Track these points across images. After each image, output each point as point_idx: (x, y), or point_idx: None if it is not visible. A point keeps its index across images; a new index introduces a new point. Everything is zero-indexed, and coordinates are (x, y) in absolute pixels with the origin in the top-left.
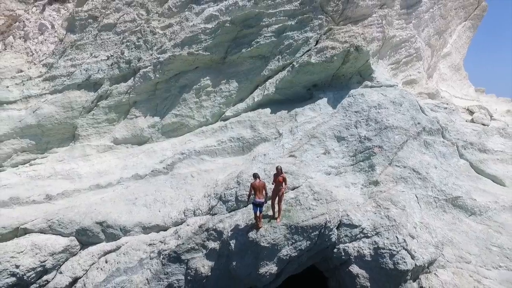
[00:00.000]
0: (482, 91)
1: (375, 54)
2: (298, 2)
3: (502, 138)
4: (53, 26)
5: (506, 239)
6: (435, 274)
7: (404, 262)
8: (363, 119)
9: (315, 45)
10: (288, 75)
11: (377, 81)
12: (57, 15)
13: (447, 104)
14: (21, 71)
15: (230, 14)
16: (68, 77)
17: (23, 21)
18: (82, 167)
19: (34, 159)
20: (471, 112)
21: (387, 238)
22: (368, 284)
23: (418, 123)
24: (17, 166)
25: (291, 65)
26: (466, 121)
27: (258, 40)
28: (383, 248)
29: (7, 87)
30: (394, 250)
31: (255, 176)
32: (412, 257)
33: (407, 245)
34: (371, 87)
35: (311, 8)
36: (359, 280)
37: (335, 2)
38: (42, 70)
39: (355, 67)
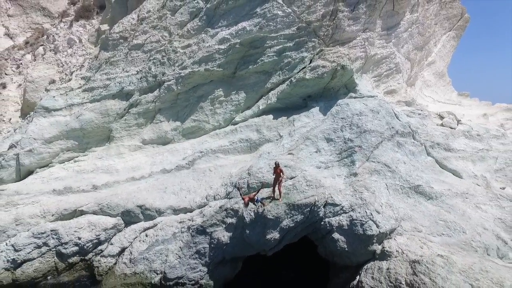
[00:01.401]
0: (467, 95)
1: (359, 70)
2: (296, 27)
3: (466, 139)
4: (80, 40)
5: (451, 216)
6: (394, 239)
7: (371, 229)
8: (347, 124)
9: (309, 63)
10: (287, 88)
11: (360, 93)
12: (83, 30)
13: (421, 110)
14: (54, 81)
15: (239, 37)
16: (104, 89)
17: (53, 35)
18: (118, 163)
19: (77, 157)
20: (442, 117)
21: (359, 213)
22: (346, 246)
23: (392, 127)
24: (64, 162)
25: (289, 80)
26: (437, 125)
27: (262, 58)
28: (356, 220)
29: (54, 97)
30: (363, 221)
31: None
32: (377, 226)
33: (373, 217)
34: (355, 97)
35: (306, 33)
36: (339, 243)
37: (326, 28)
38: (81, 82)
39: (342, 81)
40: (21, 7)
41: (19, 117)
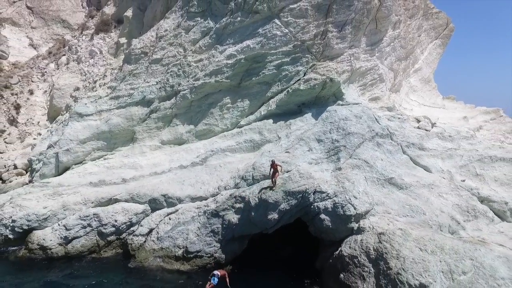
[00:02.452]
0: (452, 99)
1: (346, 81)
2: (292, 45)
3: (438, 140)
4: (101, 52)
5: (416, 202)
6: (368, 218)
7: (349, 211)
8: (335, 127)
9: (303, 76)
10: (285, 97)
11: (346, 101)
12: (103, 43)
13: (400, 115)
14: (78, 88)
15: (244, 53)
16: (129, 97)
17: (75, 47)
18: (142, 160)
19: (106, 155)
20: (418, 121)
21: (340, 198)
22: (330, 224)
23: (373, 130)
24: (95, 160)
25: (286, 90)
26: (414, 127)
27: (263, 71)
28: (338, 204)
29: (85, 104)
30: (344, 204)
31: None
32: (354, 208)
33: (351, 201)
34: (342, 105)
35: (301, 50)
36: (325, 222)
37: (317, 45)
38: (108, 91)
39: (331, 91)
40: (43, 19)
41: (46, 120)
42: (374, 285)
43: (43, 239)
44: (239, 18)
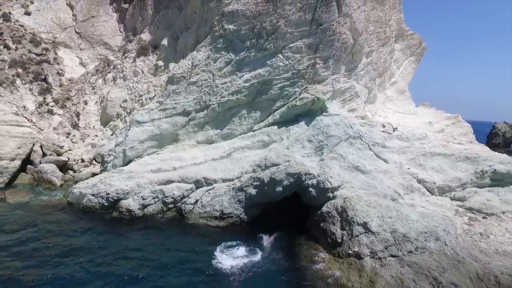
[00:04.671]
0: (427, 106)
1: (329, 98)
2: (291, 73)
3: (397, 140)
4: (142, 72)
5: (373, 182)
6: (339, 190)
7: (327, 185)
8: (320, 132)
9: (299, 95)
10: (286, 110)
11: (329, 113)
12: (144, 64)
13: (370, 122)
14: (126, 100)
15: (256, 79)
16: (173, 109)
17: (120, 66)
18: (184, 155)
19: (158, 151)
20: (383, 126)
21: (322, 178)
22: (315, 195)
23: (347, 133)
24: (150, 154)
25: (287, 105)
26: (380, 131)
27: (270, 91)
28: (320, 181)
29: (142, 114)
30: (324, 182)
31: None
32: (331, 184)
33: (329, 180)
34: (326, 115)
35: (297, 76)
36: (312, 193)
37: (309, 73)
38: (157, 105)
39: (318, 106)
40: (89, 42)
41: (100, 125)
42: (339, 226)
43: (129, 205)
44: (253, 53)
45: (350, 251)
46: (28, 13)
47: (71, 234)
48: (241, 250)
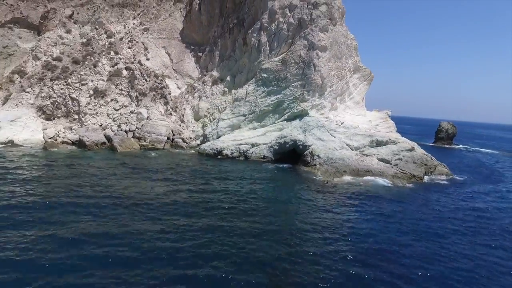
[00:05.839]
0: (377, 111)
1: (310, 109)
2: (292, 97)
3: (343, 128)
4: (216, 93)
5: (326, 144)
6: (311, 146)
7: (306, 144)
8: (305, 124)
9: (296, 108)
10: (290, 114)
11: (310, 116)
12: (216, 89)
13: (331, 120)
14: (208, 108)
15: (277, 99)
16: (238, 113)
17: (203, 89)
18: (244, 134)
19: (233, 132)
20: (336, 122)
21: (304, 142)
22: (301, 148)
23: (317, 124)
24: (227, 134)
25: (290, 112)
26: (335, 124)
27: (283, 105)
28: (303, 143)
29: (224, 115)
30: (304, 143)
31: None
32: (308, 144)
33: (307, 142)
34: (308, 117)
35: (295, 98)
36: (300, 148)
37: (301, 98)
38: (229, 111)
39: (305, 113)
40: (180, 75)
41: (194, 121)
42: (310, 157)
43: (225, 153)
44: (275, 88)
45: (313, 164)
46: (148, 59)
47: (204, 162)
48: (273, 166)
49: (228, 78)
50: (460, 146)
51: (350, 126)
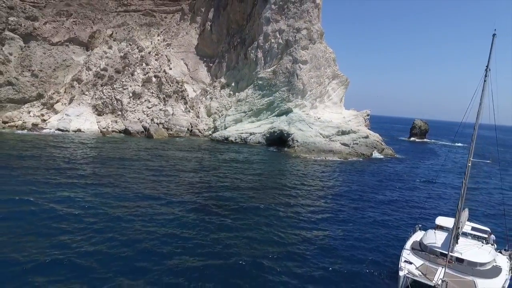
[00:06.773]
0: (354, 110)
1: (294, 107)
2: (281, 99)
3: (319, 122)
4: (224, 96)
5: (304, 133)
6: (293, 135)
7: (289, 133)
8: (290, 118)
9: (284, 106)
10: (279, 111)
11: (294, 113)
12: (224, 92)
13: (311, 116)
14: (218, 107)
15: (269, 101)
16: (240, 111)
17: (213, 93)
18: (245, 126)
19: (236, 125)
20: (316, 117)
21: (288, 131)
22: (286, 136)
23: (299, 119)
24: (233, 126)
25: (279, 110)
26: (314, 119)
27: (274, 105)
28: (288, 132)
29: (230, 112)
30: (288, 132)
31: None
32: (291, 133)
33: (290, 132)
34: (292, 113)
35: (283, 100)
36: (284, 136)
37: (287, 99)
38: (234, 109)
39: (290, 110)
40: (196, 81)
41: (207, 116)
42: (291, 141)
43: (231, 139)
44: (268, 92)
45: (293, 146)
46: (170, 69)
47: (214, 145)
48: (265, 148)
49: (233, 84)
50: (433, 140)
51: (325, 121)
